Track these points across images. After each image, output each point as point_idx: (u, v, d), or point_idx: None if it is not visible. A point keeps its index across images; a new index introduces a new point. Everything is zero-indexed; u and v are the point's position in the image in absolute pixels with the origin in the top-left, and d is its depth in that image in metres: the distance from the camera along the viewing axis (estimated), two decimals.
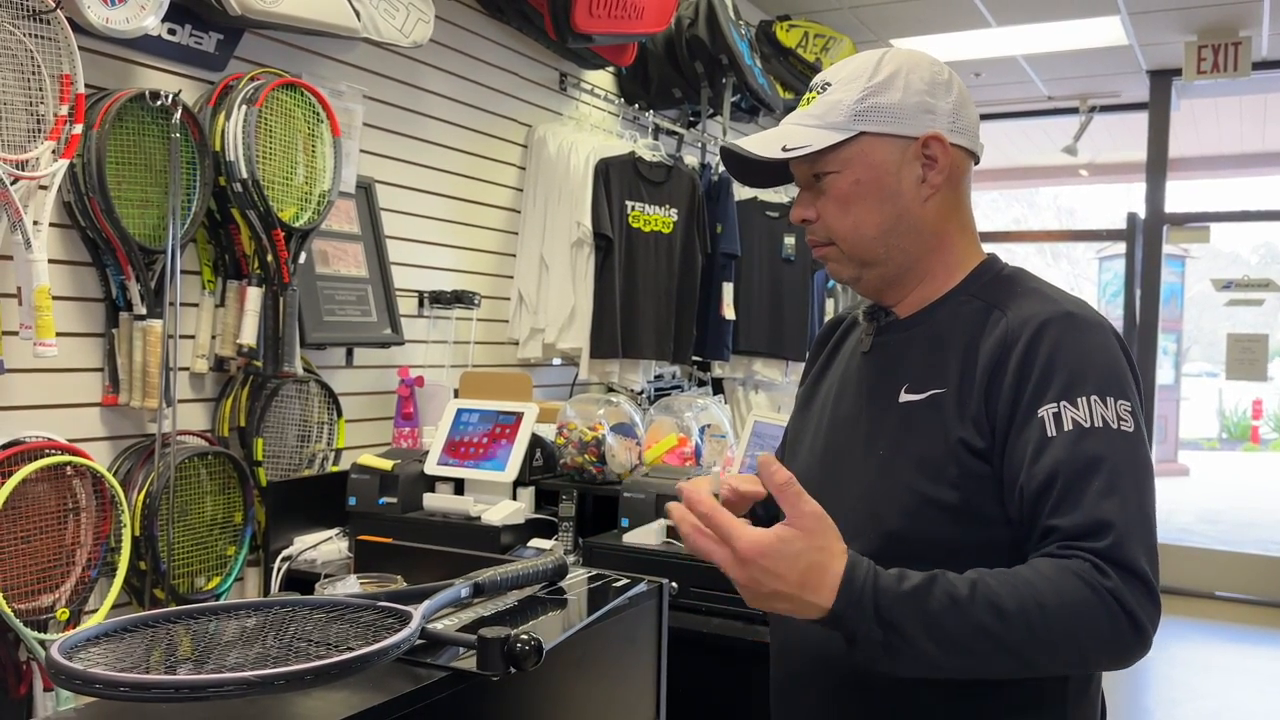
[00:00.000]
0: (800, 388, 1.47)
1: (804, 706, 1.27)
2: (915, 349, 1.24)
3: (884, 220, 1.22)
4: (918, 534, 1.14)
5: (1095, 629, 1.02)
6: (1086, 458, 1.07)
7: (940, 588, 1.02)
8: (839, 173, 1.22)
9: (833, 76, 1.25)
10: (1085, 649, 1.04)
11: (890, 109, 1.21)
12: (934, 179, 1.22)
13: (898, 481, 1.17)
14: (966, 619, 1.01)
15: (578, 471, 2.50)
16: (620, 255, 3.45)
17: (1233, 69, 5.29)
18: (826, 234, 1.25)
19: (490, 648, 0.95)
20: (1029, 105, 6.75)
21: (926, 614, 1.01)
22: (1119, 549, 1.03)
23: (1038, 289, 1.22)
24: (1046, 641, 1.02)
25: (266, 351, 2.35)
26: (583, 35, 3.27)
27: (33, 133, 1.95)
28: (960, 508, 1.13)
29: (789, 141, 1.22)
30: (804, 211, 1.26)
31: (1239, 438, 15.53)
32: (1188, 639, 5.42)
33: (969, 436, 1.14)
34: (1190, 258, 11.36)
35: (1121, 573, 1.03)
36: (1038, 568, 1.05)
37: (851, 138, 1.20)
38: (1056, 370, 1.11)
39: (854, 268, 1.26)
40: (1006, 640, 1.01)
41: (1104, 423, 1.09)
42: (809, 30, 4.77)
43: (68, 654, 0.83)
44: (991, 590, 1.02)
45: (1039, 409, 1.10)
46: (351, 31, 2.56)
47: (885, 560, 1.09)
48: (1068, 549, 1.05)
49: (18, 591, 1.94)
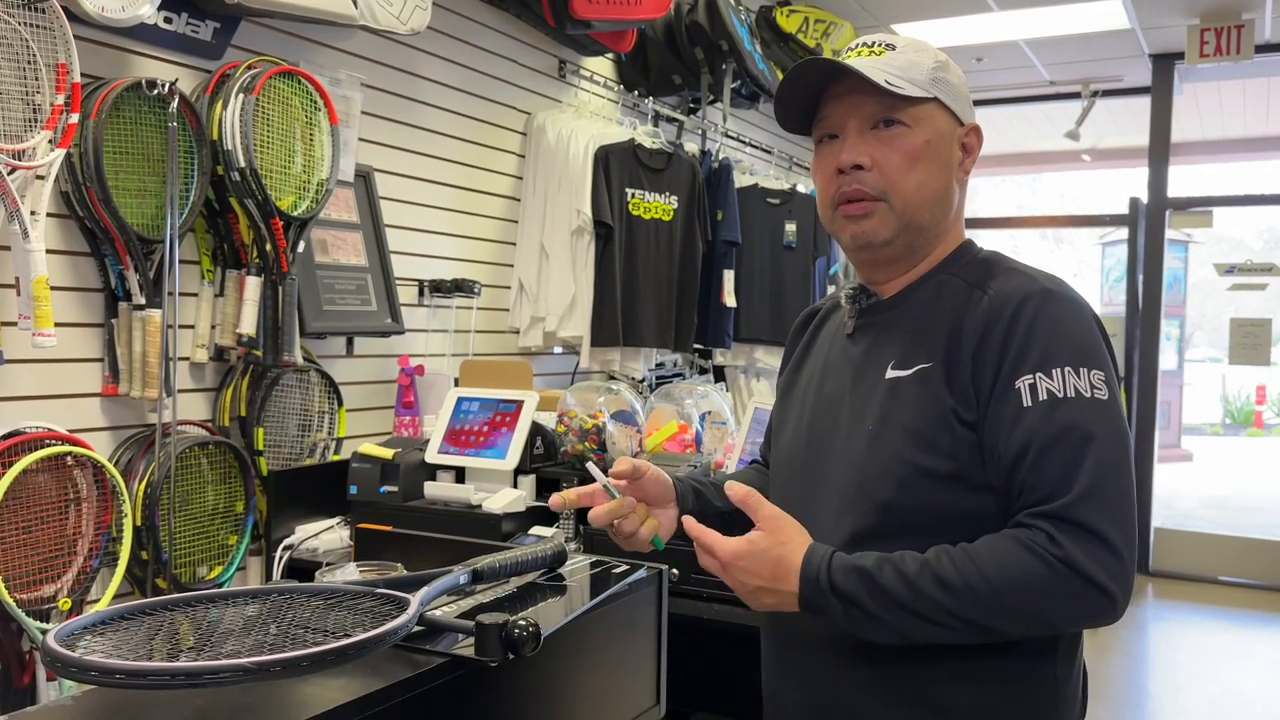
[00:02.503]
0: (780, 377, 1.49)
1: (795, 677, 1.28)
2: (899, 327, 1.26)
3: (939, 188, 1.25)
4: (911, 504, 1.17)
5: (1046, 596, 1.08)
6: (1059, 426, 1.12)
7: (891, 565, 1.11)
8: (911, 128, 1.22)
9: (893, 41, 1.26)
10: (1043, 614, 1.10)
11: (954, 89, 1.26)
12: (967, 164, 1.28)
13: (889, 453, 1.19)
14: (915, 592, 1.09)
15: (578, 459, 2.50)
16: (621, 243, 3.44)
17: (1235, 52, 5.26)
18: (881, 186, 1.22)
19: (488, 634, 0.95)
20: (1031, 90, 6.72)
21: (878, 588, 1.10)
22: (1079, 510, 1.09)
23: (1015, 268, 1.25)
24: (996, 611, 1.09)
25: (266, 341, 2.35)
26: (582, 21, 3.25)
27: (29, 122, 1.95)
28: (952, 476, 1.16)
29: (872, 75, 1.20)
30: (858, 156, 1.22)
31: (1242, 423, 15.50)
32: (1191, 624, 5.42)
33: (959, 407, 1.17)
34: (1193, 243, 11.31)
35: (1078, 534, 1.08)
36: (991, 543, 1.11)
37: (928, 99, 1.23)
38: (1033, 343, 1.15)
39: (895, 228, 1.24)
40: (956, 611, 1.09)
41: (1076, 392, 1.13)
42: (809, 15, 4.75)
43: (65, 642, 0.83)
44: (940, 566, 1.10)
45: (1016, 380, 1.15)
46: (349, 19, 2.54)
47: (880, 532, 1.17)
48: (1031, 516, 1.11)
49: (20, 581, 1.94)
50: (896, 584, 1.10)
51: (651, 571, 1.32)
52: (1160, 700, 4.36)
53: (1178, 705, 4.27)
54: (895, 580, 1.10)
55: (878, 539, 1.17)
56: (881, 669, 1.19)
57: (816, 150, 1.30)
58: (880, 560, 1.12)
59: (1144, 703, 4.34)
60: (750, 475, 1.53)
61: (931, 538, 1.14)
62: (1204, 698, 4.33)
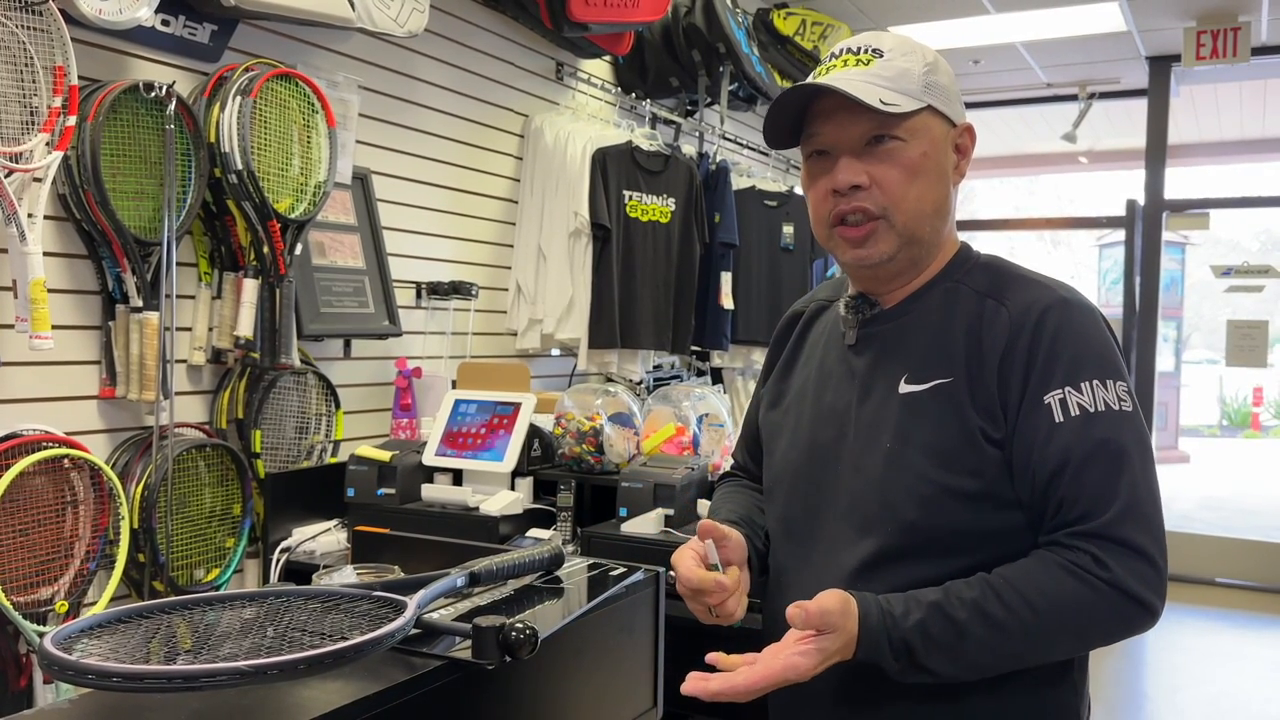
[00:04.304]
0: (764, 384, 1.43)
1: (808, 687, 1.27)
2: (909, 339, 1.23)
3: (937, 199, 1.22)
4: (936, 523, 1.15)
5: (1095, 621, 1.09)
6: (1093, 441, 1.11)
7: (942, 613, 1.09)
8: (907, 141, 1.18)
9: (879, 44, 1.21)
10: (1087, 637, 1.11)
11: (945, 90, 1.22)
12: (962, 167, 1.25)
13: (911, 472, 1.17)
14: (968, 638, 1.08)
15: (576, 461, 2.50)
16: (618, 245, 3.44)
17: (1232, 55, 5.27)
18: (881, 203, 1.18)
19: (485, 636, 0.95)
20: (1028, 92, 6.72)
21: (931, 640, 1.08)
22: (1122, 528, 1.09)
23: (1024, 275, 1.23)
24: (1046, 643, 1.10)
25: (263, 343, 2.35)
26: (579, 24, 3.25)
27: (26, 125, 1.95)
28: (980, 495, 1.14)
29: (864, 96, 1.15)
30: (855, 177, 1.18)
31: (1240, 425, 15.52)
32: (1188, 625, 5.43)
33: (986, 425, 1.15)
34: (1190, 244, 11.32)
35: (1123, 553, 1.08)
36: (1039, 570, 1.10)
37: (921, 109, 1.19)
38: (1059, 357, 1.14)
39: (897, 244, 1.20)
40: (1008, 649, 1.09)
41: (1105, 405, 1.13)
42: (806, 18, 4.75)
43: (61, 645, 0.83)
44: (990, 607, 1.09)
45: (1045, 395, 1.13)
46: (346, 21, 2.54)
47: (905, 551, 1.15)
48: (1074, 536, 1.10)
49: (16, 584, 1.94)
50: (947, 632, 1.08)
51: (649, 574, 1.32)
52: (1157, 701, 4.37)
53: (1174, 706, 4.27)
54: (945, 628, 1.08)
55: (902, 558, 1.16)
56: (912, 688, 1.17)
57: (806, 166, 1.25)
58: (932, 609, 1.09)
59: (1141, 704, 4.34)
60: (740, 499, 1.43)
61: (957, 556, 1.13)
62: (1201, 699, 4.33)
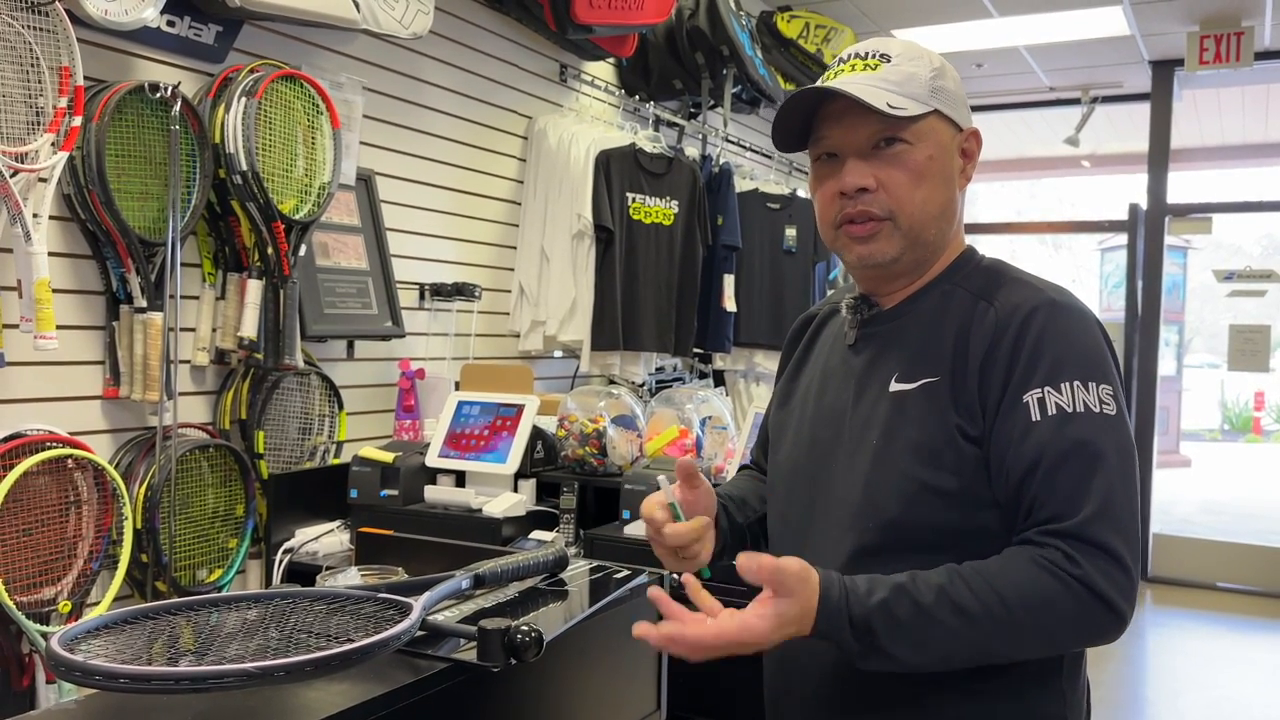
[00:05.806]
0: (776, 384, 1.46)
1: (798, 691, 1.27)
2: (903, 339, 1.24)
3: (944, 202, 1.23)
4: (916, 521, 1.16)
5: (1062, 618, 1.07)
6: (1069, 441, 1.11)
7: (908, 596, 1.07)
8: (913, 145, 1.20)
9: (887, 49, 1.23)
10: (1055, 636, 1.10)
11: (951, 95, 1.23)
12: (969, 171, 1.26)
13: (895, 469, 1.18)
14: (933, 623, 1.06)
15: (579, 464, 2.50)
16: (621, 247, 3.44)
17: (1235, 59, 5.27)
18: (888, 206, 1.20)
19: (491, 639, 0.95)
20: (1031, 96, 6.73)
21: (895, 621, 1.06)
22: (1093, 528, 1.08)
23: (1020, 278, 1.23)
24: (1012, 636, 1.08)
25: (267, 344, 2.35)
26: (583, 26, 3.26)
27: (32, 125, 1.95)
28: (958, 493, 1.15)
29: (872, 99, 1.17)
30: (862, 179, 1.19)
31: (1241, 429, 15.50)
32: (1189, 630, 5.42)
33: (964, 423, 1.15)
34: (1192, 249, 11.31)
35: (1094, 553, 1.07)
36: (1007, 562, 1.09)
37: (929, 113, 1.21)
38: (1042, 356, 1.14)
39: (902, 246, 1.21)
40: (973, 639, 1.07)
41: (1085, 407, 1.12)
42: (810, 21, 4.75)
43: (68, 646, 0.83)
44: (957, 593, 1.07)
45: (1024, 394, 1.13)
46: (351, 23, 2.55)
47: (885, 548, 1.15)
48: (1045, 534, 1.10)
49: (20, 584, 1.94)
50: (911, 614, 1.06)
51: (652, 576, 1.32)
52: (1159, 706, 4.36)
53: (1176, 711, 4.27)
54: (910, 611, 1.06)
55: (881, 554, 1.16)
56: (888, 682, 1.17)
57: (814, 168, 1.27)
58: (896, 590, 1.07)
59: (1143, 708, 4.34)
60: (744, 483, 1.49)
61: (935, 555, 1.12)
62: (1202, 703, 4.33)
